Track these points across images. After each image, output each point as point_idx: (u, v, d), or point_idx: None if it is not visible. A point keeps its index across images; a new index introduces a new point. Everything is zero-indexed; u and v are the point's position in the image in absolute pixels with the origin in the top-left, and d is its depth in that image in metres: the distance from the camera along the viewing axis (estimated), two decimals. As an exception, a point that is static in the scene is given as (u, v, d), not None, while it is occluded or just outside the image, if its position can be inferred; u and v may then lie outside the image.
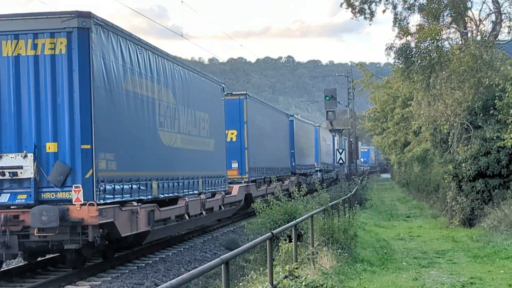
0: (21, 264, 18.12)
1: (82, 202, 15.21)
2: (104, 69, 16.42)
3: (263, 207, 18.28)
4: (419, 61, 25.26)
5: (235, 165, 30.68)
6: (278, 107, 50.14)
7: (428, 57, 24.93)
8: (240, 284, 13.48)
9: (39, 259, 18.06)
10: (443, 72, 25.17)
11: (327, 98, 46.34)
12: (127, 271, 17.53)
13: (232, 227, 29.17)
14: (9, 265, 18.35)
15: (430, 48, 25.05)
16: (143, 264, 18.59)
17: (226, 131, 29.00)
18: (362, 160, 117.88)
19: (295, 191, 19.30)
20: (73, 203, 15.23)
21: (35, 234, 15.08)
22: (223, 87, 27.98)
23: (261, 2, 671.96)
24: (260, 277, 13.02)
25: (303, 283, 10.66)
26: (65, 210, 14.99)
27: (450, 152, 26.97)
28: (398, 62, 25.97)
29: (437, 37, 25.10)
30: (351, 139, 70.29)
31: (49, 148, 15.67)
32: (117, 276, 16.62)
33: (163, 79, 20.51)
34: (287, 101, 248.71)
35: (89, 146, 15.60)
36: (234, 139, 30.89)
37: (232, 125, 30.39)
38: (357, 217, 24.62)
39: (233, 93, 32.40)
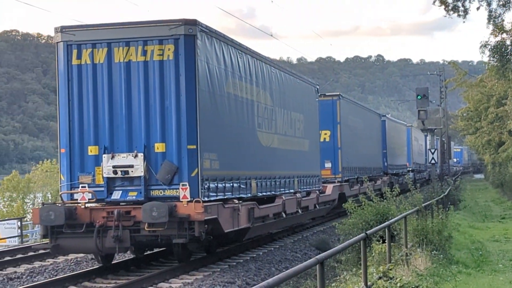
0: (126, 258, 19.28)
1: (188, 199, 16.12)
2: (208, 73, 17.33)
3: (355, 207, 18.17)
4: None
5: (328, 165, 31.23)
6: (367, 106, 50.35)
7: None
8: (333, 284, 13.64)
9: (146, 253, 19.19)
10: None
11: (419, 97, 46.02)
12: (227, 266, 18.21)
13: (322, 227, 29.39)
14: (117, 259, 19.49)
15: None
16: (234, 263, 18.89)
17: (320, 132, 29.59)
18: (455, 160, 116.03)
19: (387, 191, 19.17)
20: (180, 200, 16.16)
21: (145, 229, 16.04)
22: (317, 88, 28.62)
23: (351, 1, 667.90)
24: (352, 277, 13.06)
25: (398, 284, 10.54)
26: (173, 206, 15.92)
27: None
28: (493, 60, 25.80)
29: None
30: (443, 139, 69.56)
31: (158, 148, 16.66)
32: (209, 274, 16.98)
33: (261, 81, 21.31)
34: (377, 100, 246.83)
35: (194, 147, 16.52)
36: (327, 139, 31.44)
37: (325, 126, 30.93)
38: (451, 218, 24.43)
39: (327, 94, 32.94)
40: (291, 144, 24.31)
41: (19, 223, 30.75)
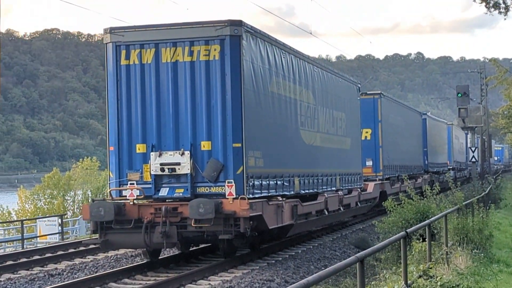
0: (170, 254, 19.72)
1: (234, 196, 16.48)
2: (253, 72, 17.66)
3: (395, 206, 18.06)
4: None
5: (369, 163, 31.40)
6: (408, 105, 50.28)
7: None
8: (373, 283, 13.67)
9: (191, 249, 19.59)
10: None
11: (459, 95, 45.83)
12: (266, 264, 18.25)
13: (362, 226, 29.42)
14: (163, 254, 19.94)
15: None
16: (273, 261, 18.93)
17: (361, 130, 29.75)
18: (495, 158, 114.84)
19: (427, 189, 19.10)
20: (226, 197, 16.53)
21: (192, 225, 16.45)
22: (359, 87, 28.81)
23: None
24: (392, 276, 13.08)
25: (438, 283, 10.45)
26: (219, 203, 16.28)
27: None
28: None
29: None
30: (483, 137, 69.01)
31: (204, 147, 17.05)
32: (248, 272, 17.04)
33: (304, 80, 21.59)
34: (417, 98, 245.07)
35: (240, 145, 16.87)
36: (368, 138, 31.60)
37: (366, 124, 31.10)
38: (492, 217, 24.28)
39: (368, 92, 33.09)
40: (333, 142, 24.55)
41: (59, 220, 31.06)
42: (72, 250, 21.91)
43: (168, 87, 17.26)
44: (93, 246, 21.06)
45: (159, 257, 18.62)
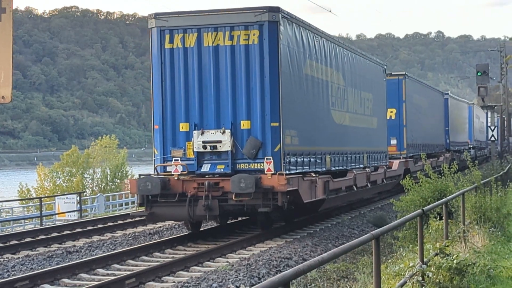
0: (208, 226, 20.94)
1: (272, 172, 17.64)
2: (289, 56, 18.74)
3: (412, 184, 17.73)
4: None
5: (393, 141, 32.41)
6: (429, 85, 51.08)
7: None
8: (390, 260, 13.76)
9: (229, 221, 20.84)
10: None
11: (479, 73, 46.12)
12: (283, 241, 18.45)
13: (380, 204, 29.75)
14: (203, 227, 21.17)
15: None
16: (291, 239, 18.96)
17: (386, 110, 30.74)
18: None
19: (445, 167, 18.98)
20: (265, 172, 17.69)
21: (233, 198, 17.65)
22: (385, 68, 29.80)
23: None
24: (409, 254, 13.00)
25: (455, 261, 10.18)
26: (258, 178, 17.44)
27: None
28: None
29: None
30: (503, 116, 69.57)
31: (243, 126, 18.19)
32: (265, 249, 17.14)
33: (334, 63, 22.64)
34: (437, 77, 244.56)
35: (277, 124, 18.00)
36: (393, 117, 32.58)
37: (391, 104, 32.06)
38: (510, 196, 23.83)
39: (393, 73, 34.03)
40: (361, 122, 25.63)
41: (78, 198, 30.93)
42: (90, 227, 22.31)
43: (209, 70, 18.35)
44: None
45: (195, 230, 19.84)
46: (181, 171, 18.28)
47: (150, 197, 18.17)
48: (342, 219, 23.96)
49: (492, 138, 51.91)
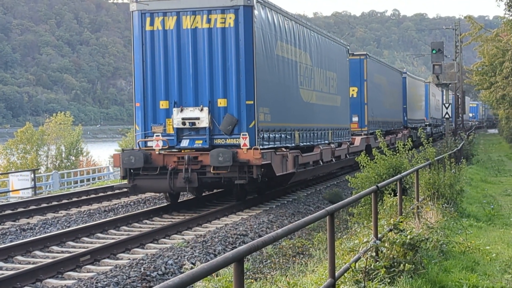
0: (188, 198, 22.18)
1: (248, 147, 18.97)
2: (262, 38, 20.01)
3: (368, 161, 17.60)
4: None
5: (355, 118, 33.95)
6: (386, 63, 52.69)
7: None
8: (345, 237, 14.04)
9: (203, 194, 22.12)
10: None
11: (434, 51, 47.23)
12: (239, 218, 18.63)
13: (336, 181, 29.94)
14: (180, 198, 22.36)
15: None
16: (246, 216, 19.10)
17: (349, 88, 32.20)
18: (470, 115, 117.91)
19: (400, 145, 19.13)
20: (241, 147, 19.00)
21: (211, 171, 18.94)
22: (348, 48, 31.23)
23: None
24: (364, 230, 13.11)
25: (408, 237, 10.16)
26: (235, 153, 18.76)
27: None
28: (509, 14, 25.43)
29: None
30: (457, 94, 71.67)
31: (220, 103, 19.44)
32: (221, 227, 17.28)
33: (302, 44, 23.98)
34: (392, 55, 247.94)
35: (252, 102, 19.30)
36: (355, 96, 34.06)
37: (353, 83, 33.52)
38: (464, 172, 23.97)
39: (355, 53, 35.48)
40: (326, 100, 27.05)
41: (32, 175, 30.51)
42: (45, 204, 21.99)
43: (188, 51, 19.52)
44: (56, 203, 22.39)
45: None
46: (162, 146, 19.47)
47: (132, 170, 19.35)
48: (298, 195, 24.01)
49: (446, 116, 53.73)
